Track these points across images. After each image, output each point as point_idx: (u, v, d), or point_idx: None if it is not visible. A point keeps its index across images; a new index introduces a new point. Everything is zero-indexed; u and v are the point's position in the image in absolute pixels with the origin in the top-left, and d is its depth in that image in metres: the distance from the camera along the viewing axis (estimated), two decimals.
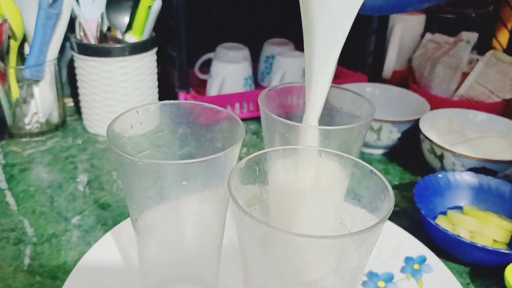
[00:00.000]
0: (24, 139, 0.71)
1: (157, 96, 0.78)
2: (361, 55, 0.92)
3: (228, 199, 0.37)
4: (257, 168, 0.32)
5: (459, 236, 0.47)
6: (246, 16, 0.96)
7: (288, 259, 0.29)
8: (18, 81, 0.68)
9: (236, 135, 0.35)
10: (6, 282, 0.44)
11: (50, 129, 0.73)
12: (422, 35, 0.90)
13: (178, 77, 0.74)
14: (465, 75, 0.78)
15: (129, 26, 0.71)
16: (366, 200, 0.31)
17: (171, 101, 0.38)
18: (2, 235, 0.51)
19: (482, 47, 0.85)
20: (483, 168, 0.57)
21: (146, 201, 0.34)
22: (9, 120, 0.69)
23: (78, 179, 0.62)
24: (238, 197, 0.28)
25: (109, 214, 0.55)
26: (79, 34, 0.70)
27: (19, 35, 0.65)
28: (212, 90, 0.77)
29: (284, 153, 0.35)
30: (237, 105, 0.78)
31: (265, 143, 0.43)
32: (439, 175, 0.56)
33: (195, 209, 0.36)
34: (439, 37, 0.85)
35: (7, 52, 0.65)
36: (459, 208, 0.56)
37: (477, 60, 0.78)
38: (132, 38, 0.71)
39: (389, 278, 0.46)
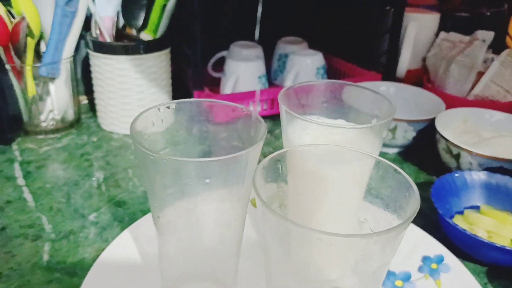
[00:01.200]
0: (39, 136, 0.71)
1: (171, 94, 0.78)
2: (375, 54, 0.92)
3: (247, 198, 0.37)
4: (280, 166, 0.33)
5: (477, 235, 0.46)
6: (260, 14, 0.96)
7: (311, 257, 0.29)
8: (34, 79, 0.68)
9: (258, 134, 0.35)
10: (25, 278, 0.45)
11: (65, 126, 0.74)
12: (436, 34, 0.90)
13: (192, 75, 0.74)
14: (480, 74, 0.77)
15: (144, 25, 0.72)
16: (389, 199, 0.31)
17: (192, 99, 0.38)
18: (21, 232, 0.51)
19: (496, 46, 0.85)
20: (500, 168, 0.57)
21: (168, 198, 0.34)
22: (25, 117, 0.70)
23: (94, 177, 0.62)
24: (261, 194, 0.28)
25: (125, 212, 0.55)
26: (94, 32, 0.71)
27: (37, 33, 0.66)
28: (227, 88, 0.77)
29: (305, 151, 0.35)
30: (251, 103, 0.78)
31: (284, 141, 0.43)
32: (456, 175, 0.56)
33: (216, 207, 0.36)
34: (454, 36, 0.84)
35: (24, 49, 0.66)
36: (476, 207, 0.55)
37: (492, 59, 0.77)
38: (146, 36, 0.72)
39: (407, 277, 0.45)
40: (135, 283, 0.42)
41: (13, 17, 0.65)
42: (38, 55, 0.70)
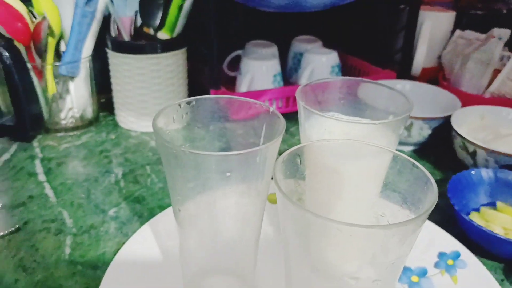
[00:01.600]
0: (59, 134, 0.73)
1: (187, 93, 0.79)
2: (390, 52, 0.92)
3: (266, 193, 0.38)
4: (298, 161, 0.33)
5: (494, 232, 0.46)
6: (274, 13, 0.97)
7: (330, 249, 0.30)
8: (54, 77, 0.70)
9: (277, 129, 0.35)
10: (49, 271, 0.46)
11: (84, 124, 0.75)
12: (452, 32, 0.89)
13: (209, 74, 0.75)
14: (496, 72, 0.77)
15: (161, 24, 0.73)
16: (407, 193, 0.32)
17: (212, 95, 0.39)
18: (43, 226, 0.52)
19: None
20: None
21: (189, 192, 0.35)
22: (45, 115, 0.71)
23: (113, 173, 0.63)
24: (282, 187, 0.29)
25: (144, 207, 0.56)
26: (113, 31, 0.72)
27: (57, 33, 0.67)
28: (242, 86, 0.78)
29: (323, 146, 0.35)
30: (266, 101, 0.78)
31: (301, 138, 0.43)
32: (472, 172, 0.56)
33: (235, 201, 0.36)
34: (469, 34, 0.84)
35: (45, 49, 0.67)
36: (492, 204, 0.55)
37: (509, 57, 0.77)
38: (164, 35, 0.73)
39: (423, 273, 0.46)
40: (156, 276, 0.43)
41: (35, 17, 0.67)
42: (58, 55, 0.71)
